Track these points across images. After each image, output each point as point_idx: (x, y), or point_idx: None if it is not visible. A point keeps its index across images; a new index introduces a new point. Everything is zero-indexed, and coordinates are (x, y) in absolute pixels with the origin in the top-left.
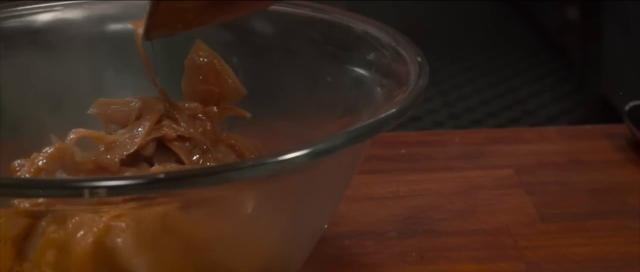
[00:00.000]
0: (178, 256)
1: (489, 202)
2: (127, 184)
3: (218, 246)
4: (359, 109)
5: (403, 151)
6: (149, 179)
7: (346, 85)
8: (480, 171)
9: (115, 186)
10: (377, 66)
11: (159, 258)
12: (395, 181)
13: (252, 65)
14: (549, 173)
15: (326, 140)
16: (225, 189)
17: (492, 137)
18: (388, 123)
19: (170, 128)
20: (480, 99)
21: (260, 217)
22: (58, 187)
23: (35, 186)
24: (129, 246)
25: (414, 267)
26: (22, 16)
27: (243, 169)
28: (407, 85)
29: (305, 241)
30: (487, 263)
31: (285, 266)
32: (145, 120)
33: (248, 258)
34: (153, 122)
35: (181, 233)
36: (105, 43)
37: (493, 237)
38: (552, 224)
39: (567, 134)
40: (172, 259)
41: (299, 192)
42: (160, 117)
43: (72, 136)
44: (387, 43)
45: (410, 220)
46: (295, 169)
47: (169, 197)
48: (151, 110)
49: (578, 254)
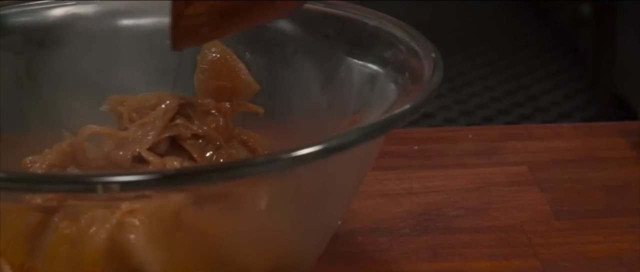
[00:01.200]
0: (191, 252)
1: (502, 199)
2: (141, 180)
3: (231, 243)
4: (373, 105)
5: (416, 148)
6: (162, 174)
7: (360, 81)
8: (494, 167)
9: (129, 181)
10: (391, 62)
11: (172, 255)
12: (408, 177)
13: (265, 60)
14: (563, 170)
15: (340, 136)
16: (238, 185)
17: (505, 133)
18: (402, 119)
19: (185, 127)
20: (492, 95)
21: (273, 214)
22: (71, 183)
23: (48, 181)
24: (141, 243)
25: (427, 264)
26: (35, 12)
27: (256, 165)
28: (421, 81)
29: (318, 238)
30: (501, 260)
31: (298, 262)
32: (159, 118)
33: (261, 255)
34: (167, 120)
35: (194, 230)
36: (117, 39)
37: (507, 235)
38: (567, 221)
39: (582, 130)
40: (184, 255)
41: (313, 189)
42: (174, 115)
43: (84, 132)
44: (401, 39)
45: (423, 217)
46: (309, 165)
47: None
48: (164, 108)
49: (592, 252)
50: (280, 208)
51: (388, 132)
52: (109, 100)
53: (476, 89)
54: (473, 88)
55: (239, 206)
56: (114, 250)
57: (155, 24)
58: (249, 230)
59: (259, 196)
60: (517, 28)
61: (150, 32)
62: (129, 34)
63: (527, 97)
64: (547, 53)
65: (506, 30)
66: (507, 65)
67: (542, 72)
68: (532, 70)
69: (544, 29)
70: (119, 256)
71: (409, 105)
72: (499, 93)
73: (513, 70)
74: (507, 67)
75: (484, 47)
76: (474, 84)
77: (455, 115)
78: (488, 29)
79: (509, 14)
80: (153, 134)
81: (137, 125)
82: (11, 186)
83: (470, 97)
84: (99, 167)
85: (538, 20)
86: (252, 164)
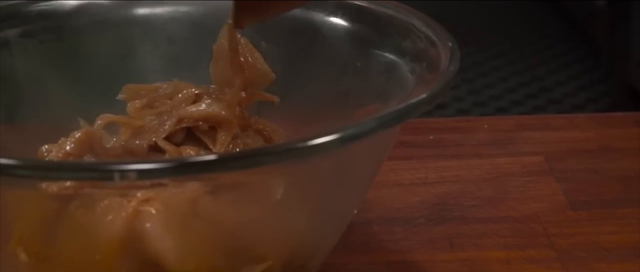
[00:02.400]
0: (207, 241)
1: (518, 189)
2: (158, 168)
3: (247, 232)
4: (389, 94)
5: (431, 137)
6: (179, 163)
7: (376, 70)
8: (510, 157)
9: (146, 169)
10: (408, 51)
11: (188, 243)
12: (423, 167)
13: (281, 49)
14: (579, 160)
15: (356, 125)
16: (254, 174)
17: (521, 123)
18: (419, 108)
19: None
20: (506, 87)
21: (289, 203)
22: (88, 170)
23: (65, 169)
24: (158, 231)
25: (443, 254)
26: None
27: (273, 154)
28: (437, 71)
29: (334, 227)
30: (517, 250)
31: (314, 251)
32: (175, 108)
33: (277, 244)
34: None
35: (210, 218)
36: (133, 27)
37: (523, 225)
38: (583, 211)
39: (598, 121)
40: (200, 244)
41: (329, 178)
42: (192, 104)
43: (100, 121)
44: (418, 28)
45: (439, 206)
46: (325, 154)
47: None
48: (181, 97)
49: (609, 242)
50: (296, 197)
51: (405, 122)
52: (126, 89)
53: (490, 80)
54: (487, 79)
55: (255, 195)
56: (130, 238)
57: (171, 12)
58: (265, 219)
59: (275, 185)
60: (531, 19)
61: (165, 20)
62: (144, 23)
63: (541, 88)
64: (561, 44)
65: (520, 22)
66: (521, 57)
67: (556, 63)
68: (546, 62)
69: (559, 20)
70: (135, 244)
71: (425, 95)
72: (512, 84)
73: (527, 62)
74: (521, 58)
75: (498, 38)
76: (487, 76)
77: (469, 106)
78: (502, 20)
79: (524, 5)
80: (170, 123)
81: (153, 114)
82: (28, 174)
83: (484, 88)
84: (115, 156)
85: (553, 12)
86: (269, 152)
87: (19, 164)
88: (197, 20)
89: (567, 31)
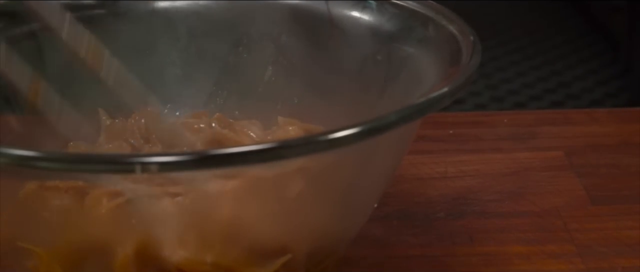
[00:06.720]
0: (228, 234)
1: (538, 184)
2: (179, 160)
3: (268, 225)
4: (410, 88)
5: (451, 132)
6: (200, 155)
7: (397, 63)
8: (530, 152)
9: (167, 162)
10: (429, 44)
11: (209, 235)
12: (443, 161)
13: (302, 44)
14: (600, 155)
15: (378, 119)
16: (276, 166)
17: (541, 118)
18: (440, 102)
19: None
20: (524, 81)
21: (310, 196)
22: (110, 163)
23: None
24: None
25: (463, 248)
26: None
27: (294, 146)
28: (459, 65)
29: (353, 220)
30: (537, 245)
31: (334, 244)
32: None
33: (298, 237)
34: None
35: (232, 211)
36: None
37: (543, 220)
38: (603, 206)
39: (618, 116)
40: (221, 236)
41: (349, 171)
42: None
43: None
44: (439, 21)
45: (458, 201)
46: (347, 147)
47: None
48: None
49: (629, 237)
50: (318, 190)
51: (426, 115)
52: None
53: (508, 75)
54: (505, 74)
55: (276, 188)
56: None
57: (191, 6)
58: (286, 212)
59: (296, 178)
60: (550, 14)
61: (185, 14)
62: (165, 17)
63: (559, 83)
64: (580, 39)
65: (539, 16)
66: (539, 52)
67: (574, 58)
68: (564, 57)
69: (577, 15)
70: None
71: (447, 88)
72: (530, 79)
73: (545, 57)
74: (540, 53)
75: (515, 32)
76: (505, 70)
77: (487, 101)
78: (520, 15)
79: (542, 0)
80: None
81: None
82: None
83: (501, 83)
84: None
85: (571, 6)
86: (290, 145)
87: (40, 156)
88: (217, 14)
89: (586, 26)
